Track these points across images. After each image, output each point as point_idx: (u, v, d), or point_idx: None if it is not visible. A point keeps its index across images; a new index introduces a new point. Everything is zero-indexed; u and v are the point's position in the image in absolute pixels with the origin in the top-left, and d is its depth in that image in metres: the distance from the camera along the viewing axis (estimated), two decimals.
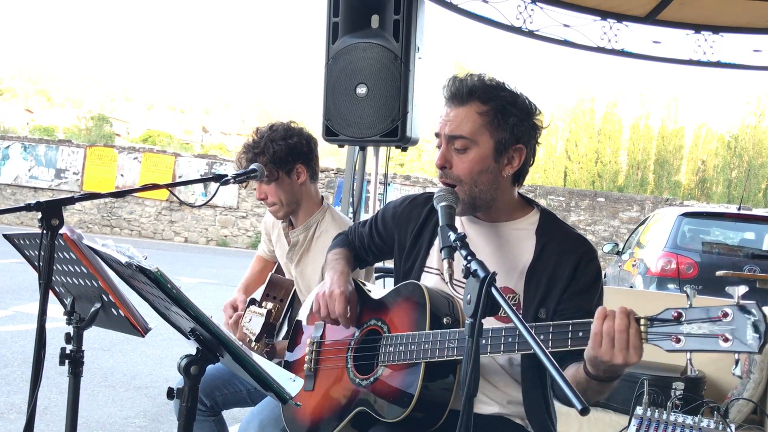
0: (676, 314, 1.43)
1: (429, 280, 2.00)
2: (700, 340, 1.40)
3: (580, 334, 1.56)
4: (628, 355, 1.47)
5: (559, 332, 1.60)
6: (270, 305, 2.61)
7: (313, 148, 2.77)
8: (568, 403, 1.58)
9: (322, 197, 2.83)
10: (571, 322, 1.59)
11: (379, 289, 2.18)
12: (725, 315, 1.37)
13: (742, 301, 1.37)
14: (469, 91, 1.86)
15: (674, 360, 2.07)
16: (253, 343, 2.58)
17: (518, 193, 1.99)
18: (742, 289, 1.37)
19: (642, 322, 1.47)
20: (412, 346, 1.80)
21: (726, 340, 1.36)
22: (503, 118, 1.84)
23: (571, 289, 1.83)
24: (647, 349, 1.49)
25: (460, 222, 2.02)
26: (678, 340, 1.42)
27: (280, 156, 2.64)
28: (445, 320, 1.83)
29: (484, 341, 1.69)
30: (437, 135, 1.91)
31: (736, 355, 1.36)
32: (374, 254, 2.29)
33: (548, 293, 1.84)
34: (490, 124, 1.85)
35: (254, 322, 2.61)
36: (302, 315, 2.33)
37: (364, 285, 2.15)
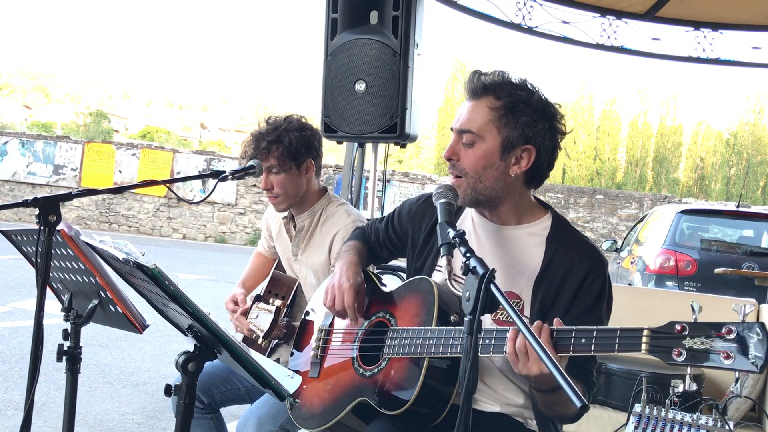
0: (680, 328, 1.42)
1: (439, 279, 1.99)
2: (701, 355, 1.40)
3: (583, 340, 1.54)
4: (540, 366, 1.51)
5: (563, 338, 1.57)
6: (279, 302, 2.61)
7: (321, 143, 2.81)
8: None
9: (324, 187, 2.84)
10: (574, 328, 1.57)
11: (391, 281, 2.19)
12: (729, 332, 1.37)
13: (747, 321, 1.36)
14: (484, 87, 1.85)
15: None
16: (261, 340, 2.57)
17: (534, 196, 1.97)
18: (748, 308, 1.36)
19: (645, 333, 1.46)
20: (417, 341, 1.80)
21: (728, 357, 1.36)
22: (513, 116, 1.82)
23: (576, 304, 1.82)
24: None
25: (471, 222, 2.01)
26: (679, 354, 1.41)
27: (296, 147, 2.64)
28: (452, 318, 1.83)
29: (487, 341, 1.68)
30: (452, 129, 1.91)
31: (737, 373, 1.36)
32: (389, 250, 2.29)
33: (554, 302, 1.83)
34: (499, 121, 1.83)
35: (261, 318, 2.60)
36: (311, 310, 2.33)
37: (375, 275, 2.16)
